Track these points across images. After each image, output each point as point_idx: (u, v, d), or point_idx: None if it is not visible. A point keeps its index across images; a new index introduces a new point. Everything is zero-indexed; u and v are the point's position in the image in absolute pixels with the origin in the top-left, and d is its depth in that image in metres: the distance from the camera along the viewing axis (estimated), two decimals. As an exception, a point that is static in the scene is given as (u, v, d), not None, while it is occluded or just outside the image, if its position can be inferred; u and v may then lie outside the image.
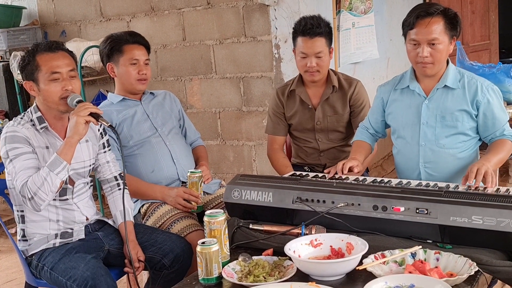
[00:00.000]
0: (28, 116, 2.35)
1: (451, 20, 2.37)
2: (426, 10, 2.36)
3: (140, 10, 4.59)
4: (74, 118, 2.22)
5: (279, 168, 2.99)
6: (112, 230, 2.50)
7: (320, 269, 1.74)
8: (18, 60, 4.43)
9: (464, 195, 1.90)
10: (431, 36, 2.34)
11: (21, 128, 2.28)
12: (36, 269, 2.36)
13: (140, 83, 2.81)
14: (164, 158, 2.79)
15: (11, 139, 2.25)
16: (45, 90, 2.29)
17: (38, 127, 2.32)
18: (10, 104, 4.67)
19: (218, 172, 4.57)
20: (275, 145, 3.07)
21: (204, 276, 1.80)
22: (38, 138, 2.31)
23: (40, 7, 5.09)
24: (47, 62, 2.28)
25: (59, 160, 2.20)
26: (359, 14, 4.53)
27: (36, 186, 2.18)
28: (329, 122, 2.98)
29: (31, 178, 2.20)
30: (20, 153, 2.24)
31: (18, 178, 2.22)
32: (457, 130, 2.45)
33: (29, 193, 2.19)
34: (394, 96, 2.58)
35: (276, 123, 3.06)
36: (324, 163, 3.03)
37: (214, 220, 1.90)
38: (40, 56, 2.29)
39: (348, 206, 2.00)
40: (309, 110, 2.99)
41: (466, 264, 1.68)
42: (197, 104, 4.56)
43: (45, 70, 2.28)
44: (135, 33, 2.88)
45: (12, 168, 2.24)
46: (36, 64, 2.28)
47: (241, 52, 4.26)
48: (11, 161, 2.24)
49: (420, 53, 2.36)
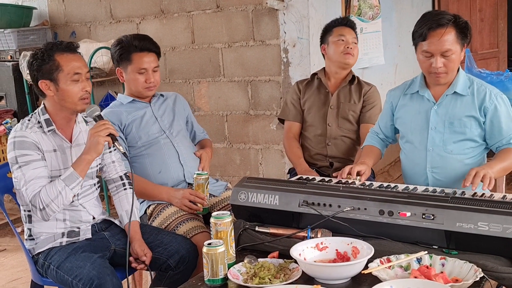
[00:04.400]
0: (35, 118, 2.35)
1: (462, 29, 2.37)
2: (437, 21, 2.34)
3: (150, 12, 4.62)
4: (96, 138, 2.24)
5: (291, 157, 3.15)
6: (119, 230, 2.51)
7: (326, 272, 1.74)
8: (28, 59, 4.49)
9: (471, 201, 1.89)
10: (445, 48, 2.35)
11: (29, 133, 2.28)
12: (42, 267, 2.37)
13: (148, 90, 2.83)
14: (172, 159, 2.80)
15: (20, 145, 2.26)
16: (66, 90, 2.30)
17: (45, 129, 2.33)
18: (19, 103, 4.69)
19: (224, 175, 4.58)
20: (290, 133, 3.20)
21: (210, 277, 1.80)
22: (46, 142, 2.32)
23: (50, 8, 5.12)
24: (69, 62, 2.30)
25: (76, 175, 2.24)
26: (367, 19, 4.54)
27: (50, 199, 2.21)
28: (341, 109, 3.08)
29: (44, 189, 2.22)
30: (30, 161, 2.25)
31: (29, 187, 2.23)
32: (465, 136, 2.45)
33: (41, 204, 2.21)
34: (404, 101, 2.59)
35: (292, 109, 3.19)
36: (330, 155, 3.08)
37: (220, 221, 1.90)
38: (60, 56, 2.30)
39: (354, 210, 2.00)
40: (325, 95, 3.12)
41: (472, 270, 1.68)
42: (204, 107, 4.57)
43: (67, 71, 2.29)
44: (145, 38, 2.86)
45: (21, 175, 2.24)
46: (57, 64, 2.29)
47: (250, 56, 4.28)
48: (20, 167, 2.24)
49: (434, 63, 2.37)
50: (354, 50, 3.05)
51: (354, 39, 3.06)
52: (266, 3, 4.05)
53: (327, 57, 3.12)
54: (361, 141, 3.03)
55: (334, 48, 3.05)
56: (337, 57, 3.05)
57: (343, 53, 3.03)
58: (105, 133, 2.26)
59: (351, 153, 3.09)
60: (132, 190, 2.44)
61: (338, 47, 3.03)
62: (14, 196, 2.61)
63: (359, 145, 3.09)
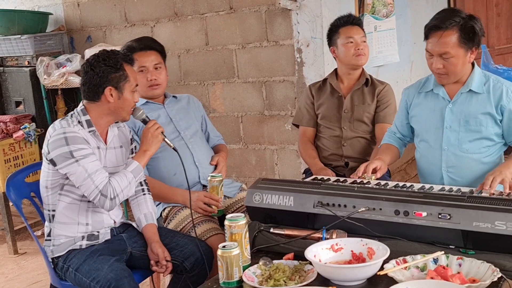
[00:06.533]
0: (76, 118, 2.40)
1: (467, 34, 2.32)
2: (439, 23, 2.32)
3: (164, 15, 4.64)
4: (157, 137, 2.45)
5: (306, 158, 3.16)
6: (135, 233, 2.53)
7: (341, 274, 1.73)
8: (45, 65, 4.54)
9: (487, 200, 1.87)
10: (442, 50, 2.32)
11: (78, 130, 2.35)
12: (61, 270, 2.40)
13: (151, 89, 2.84)
14: (186, 161, 2.81)
15: (74, 140, 2.31)
16: (127, 99, 2.41)
17: (86, 129, 2.38)
18: (36, 108, 4.73)
19: (240, 176, 4.58)
20: (304, 137, 3.20)
21: (225, 279, 1.81)
22: (91, 140, 2.38)
23: (66, 13, 5.17)
24: (133, 74, 2.45)
25: (140, 168, 2.41)
26: (381, 17, 4.51)
27: (121, 188, 2.33)
28: (356, 112, 3.06)
29: (114, 179, 2.32)
30: (87, 154, 2.31)
31: (97, 178, 2.29)
32: (481, 135, 2.42)
33: (113, 193, 2.31)
34: (418, 100, 2.57)
35: (305, 114, 3.18)
36: (346, 155, 3.06)
37: (235, 224, 1.91)
38: (127, 67, 2.42)
39: (369, 210, 1.99)
40: (338, 99, 3.10)
41: (489, 270, 1.66)
42: (219, 108, 4.58)
43: (132, 81, 2.42)
44: (144, 38, 2.92)
45: (81, 168, 2.29)
46: (126, 74, 2.40)
47: (264, 57, 4.27)
48: (77, 161, 2.29)
49: (434, 64, 2.36)
50: (365, 49, 3.02)
51: (363, 38, 3.03)
52: (279, 4, 4.04)
53: (338, 59, 3.09)
54: (377, 141, 3.02)
55: (344, 51, 3.02)
56: (349, 59, 3.03)
57: (355, 56, 3.01)
58: (159, 131, 2.45)
59: (367, 153, 3.08)
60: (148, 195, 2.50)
61: (348, 49, 3.01)
62: (32, 200, 2.64)
63: (374, 144, 3.08)
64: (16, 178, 2.63)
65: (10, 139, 4.33)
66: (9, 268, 4.12)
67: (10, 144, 4.32)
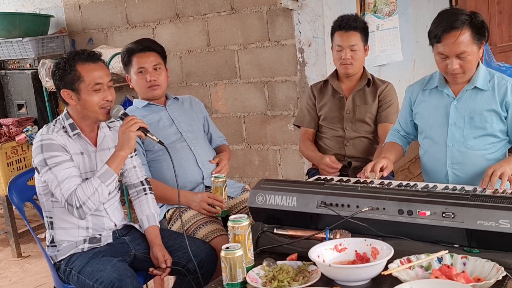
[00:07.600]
0: (60, 123, 2.38)
1: (479, 29, 2.33)
2: (452, 23, 2.30)
3: (165, 17, 4.63)
4: (127, 134, 2.29)
5: (307, 154, 3.17)
6: (139, 234, 2.52)
7: (345, 274, 1.73)
8: (47, 67, 4.54)
9: (491, 199, 1.86)
10: (460, 50, 2.31)
11: (56, 136, 2.31)
12: (64, 273, 2.39)
13: (151, 90, 2.83)
14: (189, 162, 2.81)
15: (49, 147, 2.27)
16: (87, 100, 2.32)
17: (70, 133, 2.35)
18: (39, 111, 4.75)
19: (243, 177, 4.58)
20: (304, 137, 3.20)
21: (229, 281, 1.80)
22: (73, 145, 2.35)
23: (67, 15, 5.17)
24: (90, 73, 2.32)
25: (111, 172, 2.27)
26: (383, 16, 4.50)
27: (86, 196, 2.23)
28: (357, 112, 3.05)
29: (80, 187, 2.24)
30: (60, 161, 2.26)
31: (64, 187, 2.24)
32: (486, 131, 2.42)
33: (78, 202, 2.23)
34: (423, 97, 2.57)
35: (307, 115, 3.18)
36: (348, 155, 3.06)
37: (238, 225, 1.90)
38: (82, 66, 2.32)
39: (372, 210, 1.98)
40: (339, 100, 3.08)
41: (494, 268, 1.65)
42: (222, 109, 4.58)
43: (88, 81, 2.31)
44: (143, 40, 2.91)
45: (52, 176, 2.25)
46: (78, 75, 2.31)
47: (265, 57, 4.27)
48: (50, 169, 2.25)
49: (450, 65, 2.34)
50: (353, 58, 2.95)
51: (353, 46, 2.94)
52: (281, 3, 4.03)
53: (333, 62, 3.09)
54: (380, 141, 3.01)
55: (334, 55, 3.02)
56: (337, 66, 3.04)
57: (340, 64, 3.00)
58: (135, 128, 2.30)
59: (370, 152, 3.07)
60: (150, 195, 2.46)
61: (336, 55, 3.00)
62: (35, 203, 2.64)
63: (377, 144, 3.07)
64: (18, 181, 2.63)
65: (12, 142, 4.34)
66: (12, 271, 4.12)
67: (13, 147, 4.33)
